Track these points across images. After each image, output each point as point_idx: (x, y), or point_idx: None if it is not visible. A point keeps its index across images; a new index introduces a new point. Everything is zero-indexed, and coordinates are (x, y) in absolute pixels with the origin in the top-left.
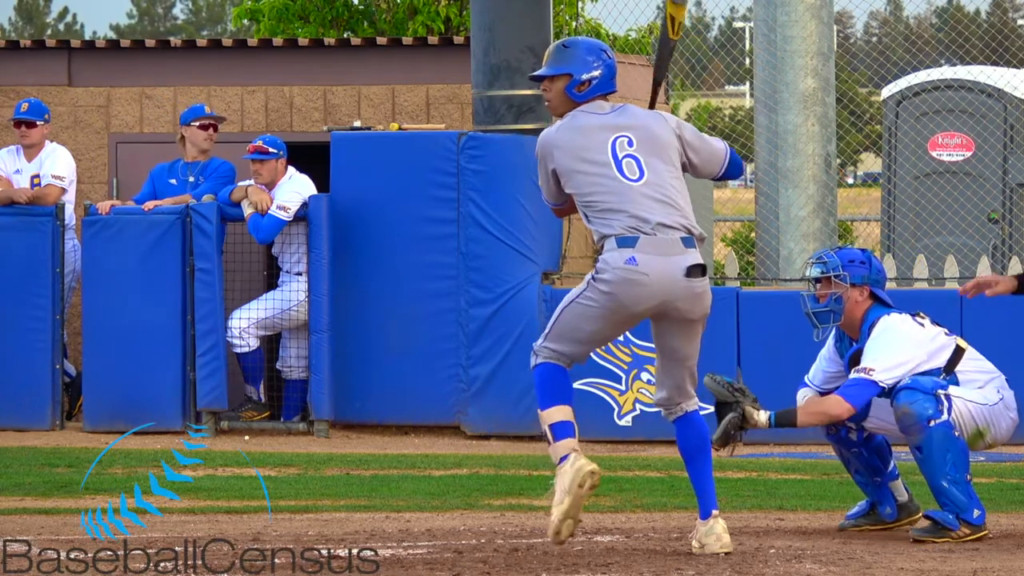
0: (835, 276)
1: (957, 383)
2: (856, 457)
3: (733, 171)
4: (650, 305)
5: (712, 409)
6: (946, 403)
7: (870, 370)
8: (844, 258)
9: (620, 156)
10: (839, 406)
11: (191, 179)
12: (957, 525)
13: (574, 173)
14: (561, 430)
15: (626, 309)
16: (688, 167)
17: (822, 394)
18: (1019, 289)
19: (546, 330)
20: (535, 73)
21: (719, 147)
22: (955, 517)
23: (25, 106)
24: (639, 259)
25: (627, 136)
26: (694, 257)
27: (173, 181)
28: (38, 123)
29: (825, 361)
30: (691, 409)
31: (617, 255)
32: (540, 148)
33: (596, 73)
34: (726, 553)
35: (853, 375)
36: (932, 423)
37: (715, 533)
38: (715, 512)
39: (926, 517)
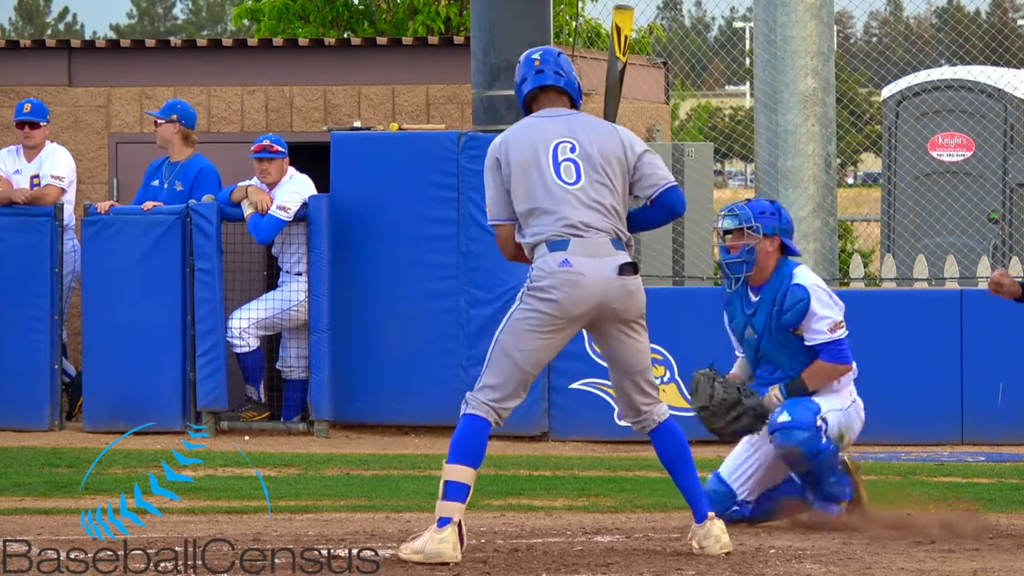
0: (748, 228)
1: None
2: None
3: (667, 205)
4: (588, 307)
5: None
6: (824, 426)
7: (836, 327)
8: (755, 209)
9: (560, 159)
10: (843, 368)
11: (166, 185)
12: (838, 510)
13: (518, 172)
14: (454, 491)
15: (566, 313)
16: (631, 184)
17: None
18: (1022, 297)
19: (482, 372)
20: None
21: (662, 175)
22: (836, 504)
23: (28, 107)
24: (572, 260)
25: (570, 142)
26: (624, 257)
27: (156, 183)
28: (41, 124)
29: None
30: (663, 419)
31: (551, 259)
32: (493, 150)
33: (518, 80)
34: (726, 553)
35: (827, 336)
36: (819, 454)
37: (713, 535)
38: (710, 514)
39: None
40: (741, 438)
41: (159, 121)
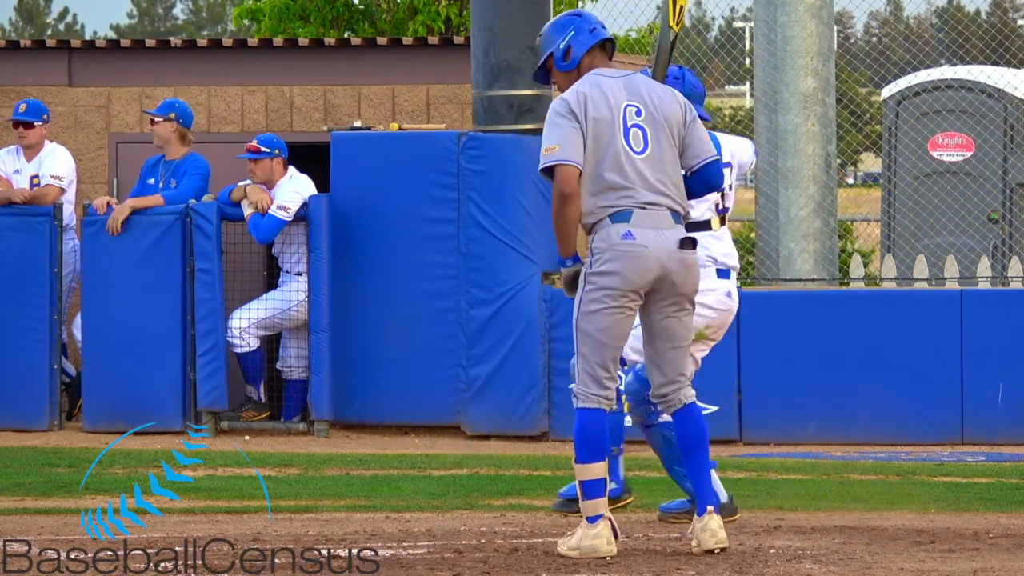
0: None
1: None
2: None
3: (707, 178)
4: (651, 278)
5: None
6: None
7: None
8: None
9: (629, 125)
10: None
11: (162, 184)
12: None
13: (593, 129)
14: (592, 489)
15: (631, 284)
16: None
17: None
18: None
19: (574, 362)
20: (535, 74)
21: (708, 147)
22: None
23: (23, 107)
24: (635, 233)
25: (636, 105)
26: (683, 231)
27: (151, 181)
28: (36, 124)
29: None
30: (690, 401)
31: (613, 231)
32: (568, 101)
33: (571, 35)
34: (721, 549)
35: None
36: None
37: (710, 529)
38: (710, 508)
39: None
40: None
41: (156, 119)
